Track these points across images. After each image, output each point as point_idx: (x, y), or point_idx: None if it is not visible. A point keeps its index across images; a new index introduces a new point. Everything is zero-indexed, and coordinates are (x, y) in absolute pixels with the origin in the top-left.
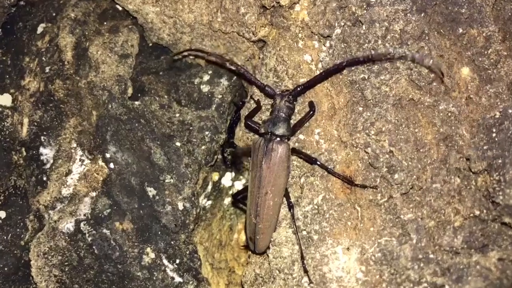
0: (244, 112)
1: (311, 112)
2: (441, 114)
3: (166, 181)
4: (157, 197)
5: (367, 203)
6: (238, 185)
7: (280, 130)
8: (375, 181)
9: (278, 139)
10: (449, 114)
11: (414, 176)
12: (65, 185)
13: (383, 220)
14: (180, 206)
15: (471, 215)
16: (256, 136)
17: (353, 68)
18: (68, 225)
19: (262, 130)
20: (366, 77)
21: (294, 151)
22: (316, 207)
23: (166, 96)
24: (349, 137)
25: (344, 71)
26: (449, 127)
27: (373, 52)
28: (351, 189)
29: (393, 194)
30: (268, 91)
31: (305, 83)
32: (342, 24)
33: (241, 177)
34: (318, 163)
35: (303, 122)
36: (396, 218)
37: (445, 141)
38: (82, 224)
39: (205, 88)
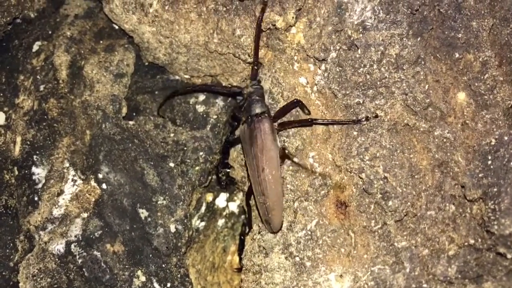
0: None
1: (295, 101)
2: (437, 140)
3: (159, 202)
4: (149, 219)
5: (361, 229)
6: (233, 206)
7: (257, 109)
8: (369, 208)
9: (258, 118)
10: (445, 140)
11: (409, 203)
12: (57, 206)
13: (377, 248)
14: (172, 228)
15: (466, 244)
16: (240, 127)
17: (348, 92)
18: (58, 247)
19: (243, 118)
20: (361, 102)
21: (286, 124)
22: (310, 233)
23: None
24: (343, 162)
25: (339, 94)
26: (445, 153)
27: None
28: (345, 215)
29: (387, 221)
30: (235, 90)
31: (253, 59)
32: (338, 48)
33: (235, 198)
34: (317, 121)
35: (286, 110)
36: (390, 245)
37: (440, 168)
38: (72, 246)
39: (200, 108)
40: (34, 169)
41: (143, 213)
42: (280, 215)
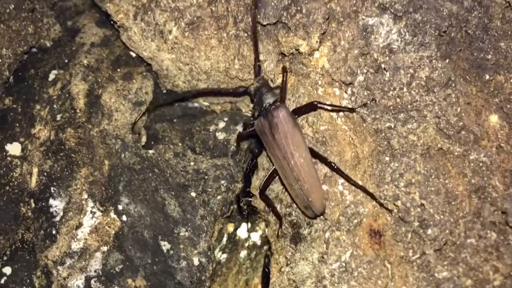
0: (261, 160)
1: (285, 73)
2: (472, 164)
3: (181, 234)
4: (172, 252)
5: (398, 259)
6: (255, 237)
7: (269, 99)
8: (406, 237)
9: (273, 106)
10: (481, 164)
11: (447, 231)
12: (75, 239)
13: (416, 279)
14: (196, 261)
15: (511, 273)
16: (255, 121)
17: (377, 117)
18: (77, 282)
19: (257, 113)
20: (392, 126)
21: (296, 112)
22: (344, 264)
23: (180, 144)
24: (376, 189)
25: (368, 119)
26: (481, 178)
27: None
28: (380, 244)
29: (426, 250)
30: (241, 90)
31: (255, 55)
32: (365, 71)
33: (257, 228)
34: (321, 105)
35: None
36: (430, 276)
37: (477, 193)
38: (92, 281)
39: (220, 136)
40: (51, 201)
41: (165, 245)
42: (321, 196)
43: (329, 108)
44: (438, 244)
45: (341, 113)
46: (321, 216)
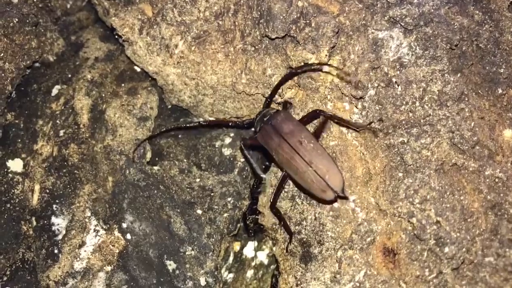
0: (269, 176)
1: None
2: (488, 180)
3: (187, 253)
4: (177, 272)
5: (413, 279)
6: (261, 256)
7: (270, 110)
8: (422, 255)
9: (274, 112)
10: (496, 180)
11: (464, 249)
12: (78, 259)
13: None
14: (203, 281)
15: None
16: (258, 134)
17: (390, 131)
18: None
19: (259, 126)
20: (406, 141)
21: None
22: (358, 284)
23: (185, 160)
24: (389, 206)
25: (380, 134)
26: (497, 194)
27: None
28: (395, 263)
29: (443, 269)
30: (246, 121)
31: (270, 96)
32: (376, 85)
33: (264, 246)
34: (324, 112)
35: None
36: None
37: (494, 210)
38: None
39: (226, 151)
40: (53, 219)
41: (171, 265)
42: (338, 173)
43: (330, 116)
44: (455, 262)
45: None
46: (342, 199)
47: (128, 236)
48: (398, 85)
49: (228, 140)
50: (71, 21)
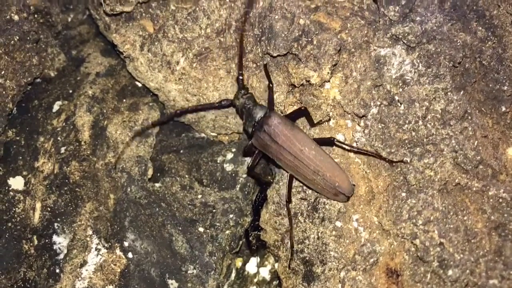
0: (272, 193)
1: (271, 86)
2: (491, 200)
3: (189, 272)
4: None
5: None
6: (264, 272)
7: (259, 113)
8: (425, 277)
9: (265, 118)
10: (500, 200)
11: (468, 271)
12: (80, 278)
13: None
14: None
15: None
16: (252, 140)
17: (393, 150)
18: None
19: (251, 129)
20: (408, 160)
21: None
22: None
23: (187, 176)
24: (392, 226)
25: (383, 153)
26: (501, 214)
27: None
28: (398, 285)
29: None
30: (225, 103)
31: (238, 68)
32: (378, 103)
33: (266, 262)
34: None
35: (272, 98)
36: None
37: (497, 230)
38: None
39: (228, 167)
40: (55, 238)
41: (173, 284)
42: (346, 178)
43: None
44: (459, 285)
45: (354, 145)
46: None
47: (130, 255)
48: (401, 104)
49: (230, 156)
50: (72, 35)
